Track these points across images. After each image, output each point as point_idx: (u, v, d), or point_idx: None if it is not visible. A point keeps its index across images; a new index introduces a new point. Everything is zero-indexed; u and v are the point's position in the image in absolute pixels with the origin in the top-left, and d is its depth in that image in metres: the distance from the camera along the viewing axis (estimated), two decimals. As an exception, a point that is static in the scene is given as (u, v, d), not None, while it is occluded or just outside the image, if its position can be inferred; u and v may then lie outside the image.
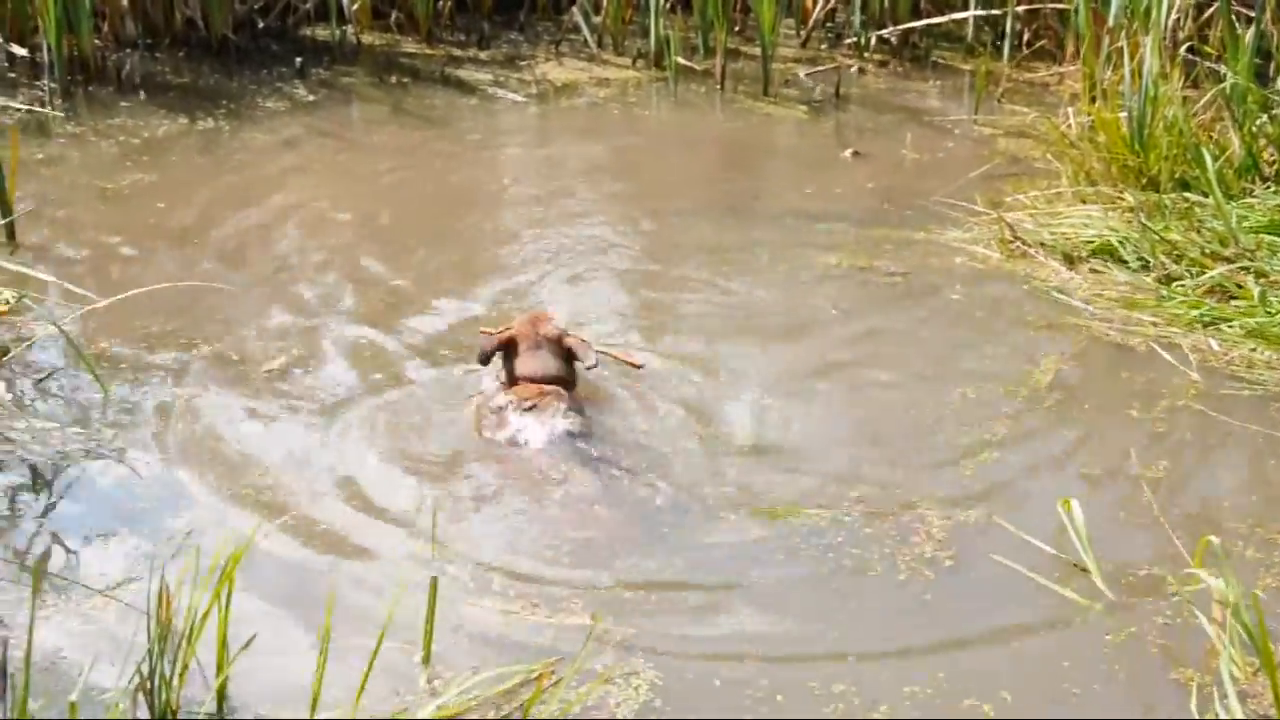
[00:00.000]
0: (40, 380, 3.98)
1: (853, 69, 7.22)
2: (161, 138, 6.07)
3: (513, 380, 3.80)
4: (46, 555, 3.23)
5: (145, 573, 3.07)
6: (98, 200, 5.38)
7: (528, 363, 3.79)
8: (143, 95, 6.55)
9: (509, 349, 3.83)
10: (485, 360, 3.83)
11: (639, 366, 3.92)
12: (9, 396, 3.88)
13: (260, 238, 5.10)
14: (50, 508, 3.43)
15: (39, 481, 3.52)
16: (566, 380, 3.80)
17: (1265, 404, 3.96)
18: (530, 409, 3.64)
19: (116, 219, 5.21)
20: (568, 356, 3.81)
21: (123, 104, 6.44)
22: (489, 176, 5.88)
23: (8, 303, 4.25)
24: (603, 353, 3.88)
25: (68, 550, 3.26)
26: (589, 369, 3.79)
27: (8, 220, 4.85)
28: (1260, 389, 4.04)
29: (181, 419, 3.82)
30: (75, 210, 5.30)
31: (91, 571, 3.15)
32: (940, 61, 7.33)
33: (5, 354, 4.03)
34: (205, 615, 2.68)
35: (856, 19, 7.38)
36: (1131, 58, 5.42)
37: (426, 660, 2.86)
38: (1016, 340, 4.36)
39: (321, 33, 7.50)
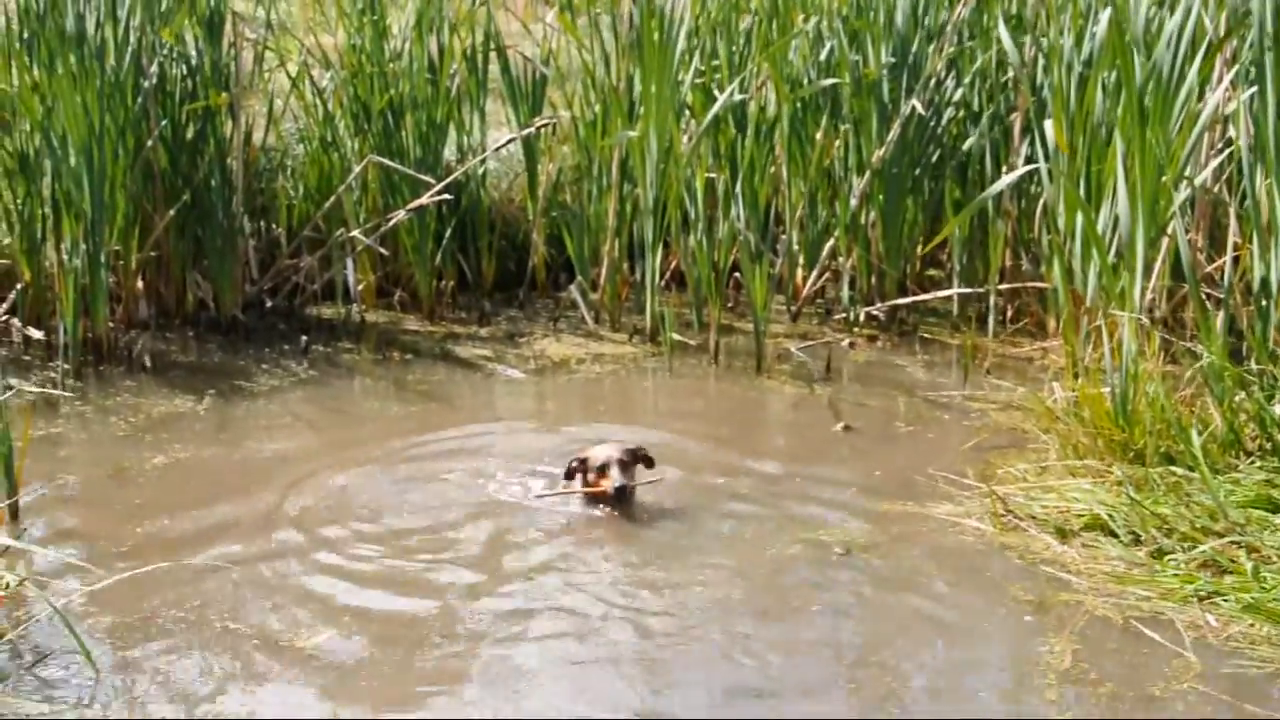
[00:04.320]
0: (34, 663, 3.96)
1: (843, 344, 7.43)
2: (163, 416, 6.20)
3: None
4: None
5: None
6: (102, 479, 5.46)
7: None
8: (150, 374, 6.73)
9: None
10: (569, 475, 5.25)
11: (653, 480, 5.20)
12: (2, 682, 3.85)
13: (263, 515, 5.14)
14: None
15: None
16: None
17: (1270, 682, 3.94)
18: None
19: (120, 497, 5.28)
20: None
21: (129, 382, 6.60)
22: (483, 454, 5.95)
23: (8, 586, 4.26)
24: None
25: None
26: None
27: (12, 500, 4.91)
28: (1262, 667, 4.02)
29: (179, 704, 3.78)
30: (80, 489, 5.38)
31: None
32: (928, 336, 7.56)
33: (2, 636, 4.02)
34: None
35: (845, 295, 7.66)
36: (1110, 336, 5.60)
37: None
38: (1019, 618, 4.35)
39: (327, 311, 7.76)
